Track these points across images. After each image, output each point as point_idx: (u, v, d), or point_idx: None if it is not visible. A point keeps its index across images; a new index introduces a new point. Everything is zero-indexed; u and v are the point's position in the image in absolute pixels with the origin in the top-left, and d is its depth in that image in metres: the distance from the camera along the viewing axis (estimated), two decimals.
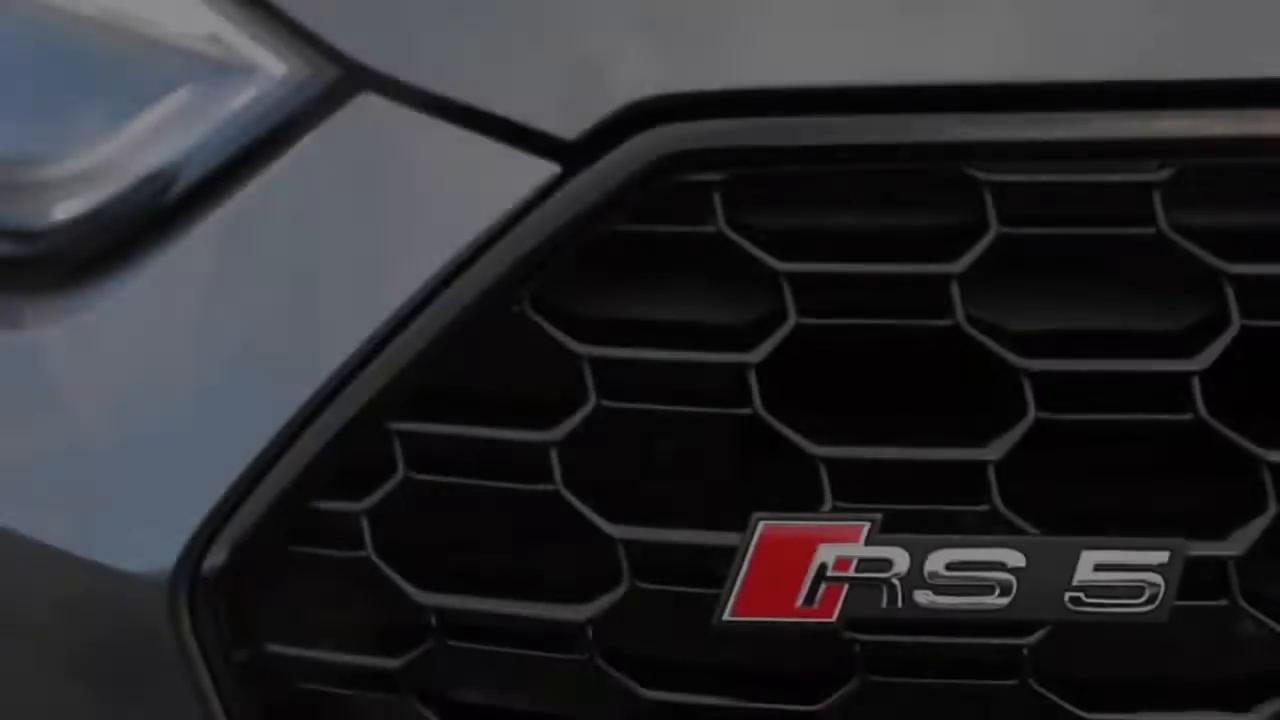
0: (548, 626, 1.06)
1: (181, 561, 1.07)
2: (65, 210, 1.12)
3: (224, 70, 1.11)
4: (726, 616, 1.01)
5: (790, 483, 1.03)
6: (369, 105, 1.07)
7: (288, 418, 1.05)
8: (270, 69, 1.10)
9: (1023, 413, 1.01)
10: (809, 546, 1.00)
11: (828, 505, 1.02)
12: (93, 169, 1.12)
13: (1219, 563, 1.00)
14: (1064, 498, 1.03)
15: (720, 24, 1.04)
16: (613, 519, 1.03)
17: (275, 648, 1.10)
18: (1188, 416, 1.00)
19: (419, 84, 1.06)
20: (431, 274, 1.04)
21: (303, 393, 1.05)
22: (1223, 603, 1.01)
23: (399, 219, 1.07)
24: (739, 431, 1.05)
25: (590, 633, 1.05)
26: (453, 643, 1.07)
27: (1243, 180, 1.03)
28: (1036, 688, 1.02)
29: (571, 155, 1.03)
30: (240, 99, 1.10)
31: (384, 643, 1.09)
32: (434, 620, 1.07)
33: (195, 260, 1.09)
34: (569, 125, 1.03)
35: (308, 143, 1.08)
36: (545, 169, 1.03)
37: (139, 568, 1.07)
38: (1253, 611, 1.01)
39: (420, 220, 1.06)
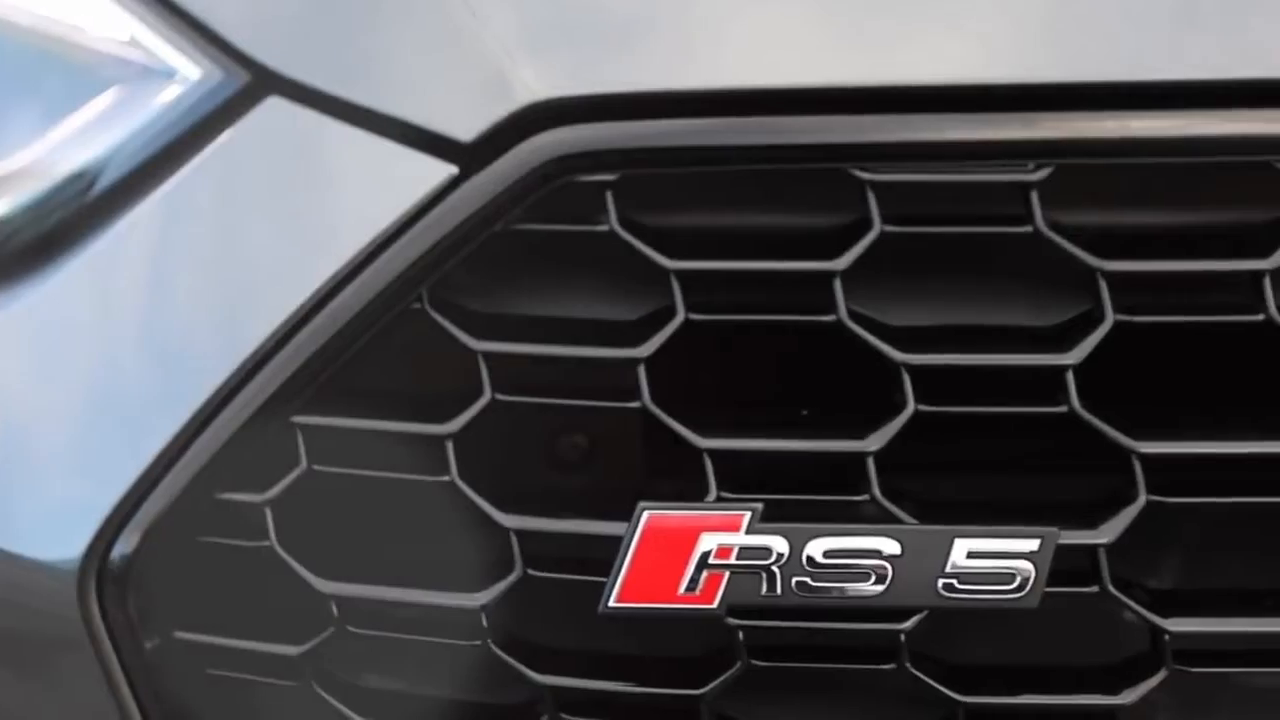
0: (444, 613, 1.08)
1: (90, 550, 1.09)
2: None
3: (145, 74, 1.14)
4: (612, 603, 1.04)
5: (681, 474, 1.06)
6: (277, 108, 1.10)
7: (194, 410, 1.08)
8: (186, 72, 1.13)
9: (902, 405, 1.04)
10: (692, 535, 1.03)
11: (713, 495, 1.04)
12: (21, 169, 1.15)
13: (1091, 551, 1.03)
14: (943, 488, 1.06)
15: (613, 29, 1.07)
16: (505, 509, 1.06)
17: (184, 635, 1.12)
18: (1062, 409, 1.03)
19: (322, 87, 1.09)
20: (334, 271, 1.07)
21: (209, 385, 1.08)
22: (1094, 589, 1.03)
23: (303, 218, 1.10)
24: (633, 424, 1.08)
25: (484, 619, 1.07)
26: (353, 629, 1.10)
27: (1117, 180, 1.05)
28: (913, 671, 1.05)
29: (469, 156, 1.06)
30: (158, 101, 1.13)
31: (287, 630, 1.11)
32: (335, 608, 1.10)
33: (111, 258, 1.12)
34: (466, 127, 1.06)
35: (220, 144, 1.11)
36: (443, 170, 1.06)
37: (48, 556, 1.10)
38: (1122, 598, 1.04)
39: (323, 219, 1.09)
